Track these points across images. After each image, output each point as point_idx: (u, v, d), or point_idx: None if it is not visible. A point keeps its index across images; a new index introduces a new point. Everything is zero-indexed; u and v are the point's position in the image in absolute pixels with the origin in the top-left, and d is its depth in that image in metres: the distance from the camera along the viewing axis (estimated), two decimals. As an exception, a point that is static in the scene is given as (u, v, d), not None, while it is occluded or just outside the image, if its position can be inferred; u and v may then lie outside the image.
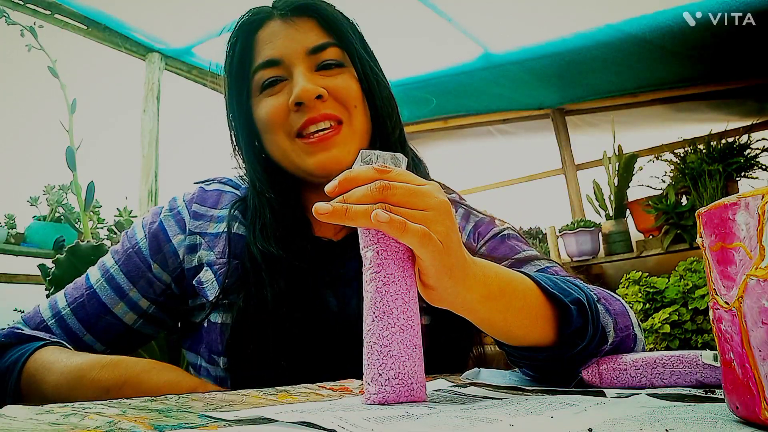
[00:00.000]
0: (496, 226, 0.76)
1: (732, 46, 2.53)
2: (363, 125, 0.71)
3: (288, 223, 0.71)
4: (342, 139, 0.68)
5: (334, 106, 0.69)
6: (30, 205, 2.29)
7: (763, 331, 0.28)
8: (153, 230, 0.73)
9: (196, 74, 2.79)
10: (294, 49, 0.69)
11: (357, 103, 0.70)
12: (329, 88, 0.68)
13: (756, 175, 2.38)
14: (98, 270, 0.73)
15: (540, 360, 0.53)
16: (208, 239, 0.72)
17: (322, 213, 0.40)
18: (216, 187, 0.78)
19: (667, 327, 1.76)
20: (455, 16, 2.43)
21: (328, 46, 0.70)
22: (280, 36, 0.70)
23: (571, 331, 0.50)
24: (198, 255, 0.71)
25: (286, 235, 0.70)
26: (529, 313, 0.49)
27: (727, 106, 3.03)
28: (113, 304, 0.70)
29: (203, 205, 0.75)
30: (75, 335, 0.69)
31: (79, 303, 0.70)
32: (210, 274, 0.69)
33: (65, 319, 0.69)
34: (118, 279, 0.71)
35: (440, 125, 3.56)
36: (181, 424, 0.32)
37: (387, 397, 0.41)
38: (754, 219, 0.29)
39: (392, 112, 0.74)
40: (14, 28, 1.81)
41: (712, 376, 0.50)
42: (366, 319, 0.43)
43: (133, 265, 0.72)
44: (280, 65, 0.69)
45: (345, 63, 0.71)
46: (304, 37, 0.70)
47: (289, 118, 0.69)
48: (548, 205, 3.45)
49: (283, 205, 0.72)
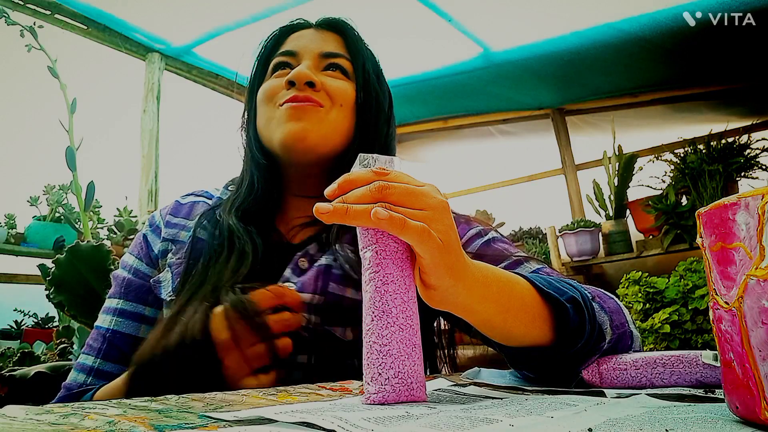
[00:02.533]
0: (472, 228, 0.76)
1: (732, 46, 2.53)
2: (343, 123, 0.74)
3: (259, 201, 0.75)
4: (315, 115, 0.71)
5: (322, 97, 0.73)
6: (30, 205, 2.29)
7: (763, 331, 0.28)
8: (139, 247, 0.78)
9: (196, 74, 2.79)
10: (310, 48, 0.77)
11: (344, 103, 0.74)
12: (324, 83, 0.74)
13: (756, 175, 2.38)
14: (105, 315, 0.74)
15: (539, 360, 0.53)
16: (178, 246, 0.75)
17: (323, 212, 0.41)
18: (191, 199, 0.82)
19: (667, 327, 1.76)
20: (455, 16, 2.43)
21: (339, 55, 0.77)
22: (305, 38, 0.79)
23: (568, 329, 0.50)
24: (167, 259, 0.75)
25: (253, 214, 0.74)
26: (527, 313, 0.49)
27: (727, 106, 3.03)
28: (137, 330, 0.72)
29: (176, 216, 0.79)
30: (115, 376, 0.69)
31: (106, 348, 0.71)
32: (168, 274, 0.73)
33: (102, 369, 0.70)
34: (128, 308, 0.73)
35: (440, 125, 3.56)
36: (181, 424, 0.32)
37: (387, 396, 0.41)
38: (754, 219, 0.29)
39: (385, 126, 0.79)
40: (14, 28, 1.81)
41: (713, 376, 0.50)
42: (365, 318, 0.43)
43: (135, 288, 0.74)
44: (294, 56, 0.77)
45: (350, 76, 0.77)
46: (324, 43, 0.78)
47: (280, 94, 0.74)
48: (548, 205, 3.45)
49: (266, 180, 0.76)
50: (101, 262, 1.41)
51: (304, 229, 0.75)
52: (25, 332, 2.35)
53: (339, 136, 0.74)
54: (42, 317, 2.43)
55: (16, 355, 1.71)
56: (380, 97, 0.79)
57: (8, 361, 1.68)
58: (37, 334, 2.29)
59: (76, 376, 0.71)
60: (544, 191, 3.53)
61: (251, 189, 0.75)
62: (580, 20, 2.46)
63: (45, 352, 1.78)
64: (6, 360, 1.70)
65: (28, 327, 2.40)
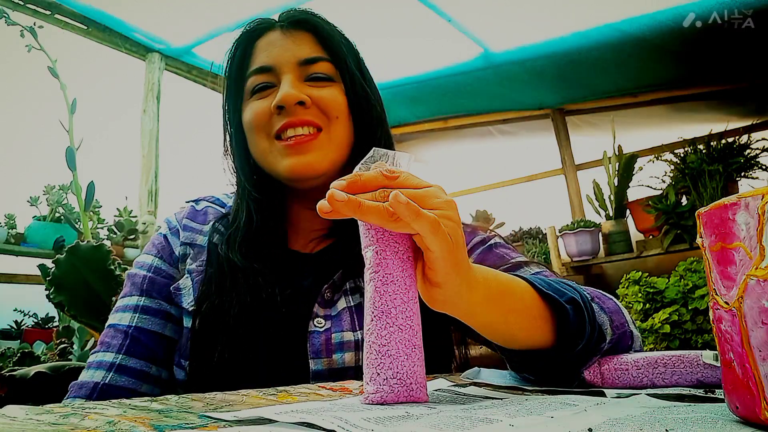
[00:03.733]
0: (477, 236, 0.77)
1: (732, 46, 2.53)
2: (343, 136, 0.72)
3: (261, 231, 0.73)
4: (318, 145, 0.70)
5: (316, 114, 0.70)
6: (30, 205, 2.29)
7: (763, 331, 0.28)
8: (160, 247, 0.76)
9: (196, 74, 2.79)
10: (286, 59, 0.72)
11: (339, 114, 0.72)
12: (313, 97, 0.70)
13: (756, 175, 2.38)
14: (124, 313, 0.72)
15: (541, 362, 0.53)
16: (196, 250, 0.74)
17: (338, 200, 0.40)
18: (205, 205, 0.81)
19: (667, 327, 1.76)
20: (455, 16, 2.43)
21: (319, 60, 0.72)
22: (276, 45, 0.73)
23: (569, 330, 0.50)
24: (186, 264, 0.74)
25: (255, 244, 0.72)
26: (528, 315, 0.49)
27: (727, 106, 3.03)
28: (162, 327, 0.71)
29: (193, 220, 0.78)
30: (140, 373, 0.69)
31: (129, 344, 0.69)
32: (189, 281, 0.72)
33: (125, 365, 0.68)
34: (153, 305, 0.72)
35: (440, 125, 3.56)
36: (181, 424, 0.32)
37: (385, 396, 0.41)
38: (754, 219, 0.29)
39: (379, 128, 0.76)
40: (14, 29, 1.81)
41: (713, 376, 0.50)
42: (366, 318, 0.43)
43: (160, 286, 0.73)
44: (271, 72, 0.72)
45: (334, 78, 0.73)
46: (298, 48, 0.72)
47: (271, 120, 0.71)
48: (548, 205, 3.45)
49: (263, 210, 0.74)
50: (101, 262, 1.41)
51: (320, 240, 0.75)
52: (25, 332, 2.35)
53: (342, 150, 0.72)
54: (42, 317, 2.43)
55: (16, 355, 1.71)
56: (369, 95, 0.76)
57: (8, 361, 1.68)
58: (37, 334, 2.29)
59: (93, 373, 0.68)
60: (544, 191, 3.53)
61: (250, 222, 0.73)
62: (580, 21, 2.47)
63: (45, 352, 1.78)
64: (6, 360, 1.70)
65: (28, 327, 2.40)
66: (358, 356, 0.66)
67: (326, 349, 0.66)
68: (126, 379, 0.67)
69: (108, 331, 0.71)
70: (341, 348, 0.66)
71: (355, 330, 0.67)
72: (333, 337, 0.66)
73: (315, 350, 0.66)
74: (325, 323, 0.67)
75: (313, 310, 0.68)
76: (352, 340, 0.66)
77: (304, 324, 0.67)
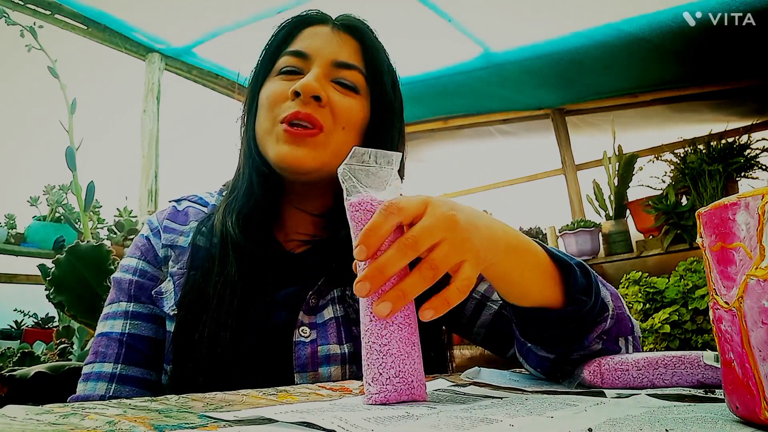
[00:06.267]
0: None
1: (732, 46, 2.52)
2: (343, 147, 0.70)
3: (258, 207, 0.72)
4: (314, 143, 0.68)
5: (326, 115, 0.69)
6: (30, 205, 2.29)
7: (763, 331, 0.28)
8: (143, 249, 0.75)
9: (196, 74, 2.78)
10: (323, 53, 0.72)
11: (347, 126, 0.70)
12: (332, 100, 0.69)
13: (756, 175, 2.38)
14: (114, 320, 0.71)
15: (551, 324, 0.53)
16: (178, 252, 0.73)
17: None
18: (186, 205, 0.79)
19: (667, 327, 1.76)
20: (455, 16, 2.43)
21: (352, 68, 0.72)
22: (320, 38, 0.73)
23: (577, 289, 0.53)
24: (168, 266, 0.73)
25: (251, 222, 0.71)
26: (541, 270, 0.52)
27: (727, 106, 3.03)
28: (155, 332, 0.70)
29: (174, 221, 0.77)
30: (142, 381, 0.68)
31: (125, 352, 0.68)
32: (170, 284, 0.71)
33: (125, 374, 0.67)
34: (143, 311, 0.71)
35: (440, 125, 3.56)
36: (181, 424, 0.32)
37: (388, 396, 0.41)
38: (754, 219, 0.29)
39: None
40: (14, 28, 1.81)
41: (714, 376, 0.50)
42: (363, 319, 0.43)
43: (147, 289, 0.72)
44: (304, 59, 0.72)
45: (360, 91, 0.72)
46: (339, 49, 0.72)
47: (284, 104, 0.70)
48: (548, 205, 3.45)
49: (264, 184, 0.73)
50: (101, 262, 1.41)
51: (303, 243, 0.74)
52: (25, 332, 2.35)
53: (337, 158, 0.69)
54: (42, 317, 2.44)
55: (16, 355, 1.71)
56: (394, 107, 0.75)
57: (8, 361, 1.68)
58: (37, 334, 2.29)
59: (94, 386, 0.66)
60: (544, 191, 3.53)
61: (250, 194, 0.72)
62: (580, 21, 2.46)
63: (45, 352, 1.78)
64: (6, 360, 1.70)
65: (28, 327, 2.41)
66: (345, 370, 0.65)
67: (312, 362, 0.64)
68: (130, 389, 0.67)
69: (101, 340, 0.69)
70: (327, 361, 0.65)
71: (341, 343, 0.66)
72: (319, 349, 0.65)
73: (301, 363, 0.64)
74: (311, 333, 0.66)
75: (298, 318, 0.67)
76: (338, 353, 0.65)
77: (289, 332, 0.66)
